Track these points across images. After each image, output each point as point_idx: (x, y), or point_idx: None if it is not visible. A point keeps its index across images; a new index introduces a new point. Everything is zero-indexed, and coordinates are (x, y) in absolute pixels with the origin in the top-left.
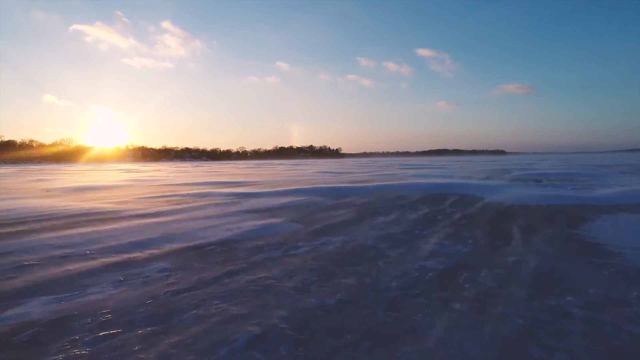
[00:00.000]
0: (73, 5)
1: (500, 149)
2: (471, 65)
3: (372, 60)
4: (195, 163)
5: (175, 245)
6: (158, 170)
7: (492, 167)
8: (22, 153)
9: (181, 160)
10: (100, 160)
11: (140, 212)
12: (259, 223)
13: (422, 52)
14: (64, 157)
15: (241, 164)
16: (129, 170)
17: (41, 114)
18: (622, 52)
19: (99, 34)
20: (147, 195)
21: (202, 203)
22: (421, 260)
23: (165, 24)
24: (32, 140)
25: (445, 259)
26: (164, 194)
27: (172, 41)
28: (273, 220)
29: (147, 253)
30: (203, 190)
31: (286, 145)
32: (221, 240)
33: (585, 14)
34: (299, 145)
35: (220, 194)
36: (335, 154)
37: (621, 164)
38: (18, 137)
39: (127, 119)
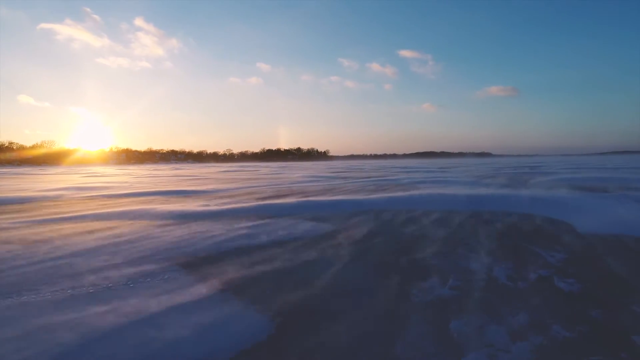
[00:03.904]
0: (37, 0)
1: (486, 151)
2: (453, 67)
3: (355, 62)
4: (178, 165)
5: None
6: (128, 175)
7: (501, 170)
8: (1, 156)
9: (166, 163)
10: (83, 163)
11: None
12: (164, 312)
13: (404, 53)
14: (46, 159)
15: (224, 166)
16: (94, 175)
17: (17, 115)
18: (604, 56)
19: (71, 32)
20: (56, 215)
21: (106, 235)
22: None
23: (139, 22)
24: (11, 142)
25: None
26: (82, 212)
27: (147, 40)
28: (203, 291)
29: None
30: (143, 207)
31: (274, 148)
32: None
33: (567, 18)
34: (287, 148)
35: (159, 215)
36: (323, 156)
37: (632, 166)
38: None
39: (109, 120)
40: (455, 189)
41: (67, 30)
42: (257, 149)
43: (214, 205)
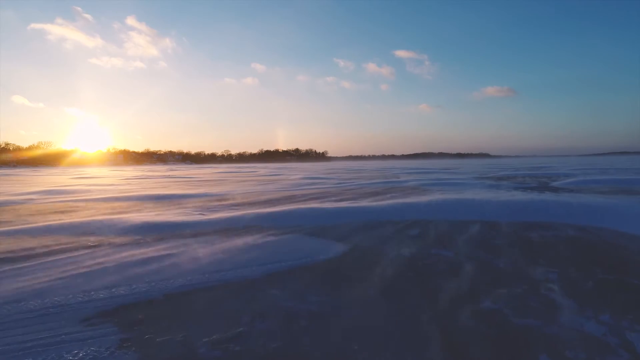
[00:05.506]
0: None
1: (484, 152)
2: (450, 67)
3: (351, 62)
4: (174, 166)
5: None
6: (119, 176)
7: (510, 172)
8: None
9: (163, 164)
10: (79, 164)
11: None
12: None
13: (400, 53)
14: (42, 161)
15: (222, 167)
16: (84, 176)
17: (12, 115)
18: (601, 56)
19: (62, 32)
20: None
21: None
22: None
23: (131, 21)
24: (8, 143)
25: None
26: (25, 224)
27: (140, 39)
28: None
29: None
30: (110, 216)
31: (272, 149)
32: None
33: (564, 19)
34: (285, 149)
35: (116, 228)
36: (321, 157)
37: None
38: None
39: (105, 121)
40: (483, 194)
41: (58, 30)
42: (255, 150)
43: (197, 214)
